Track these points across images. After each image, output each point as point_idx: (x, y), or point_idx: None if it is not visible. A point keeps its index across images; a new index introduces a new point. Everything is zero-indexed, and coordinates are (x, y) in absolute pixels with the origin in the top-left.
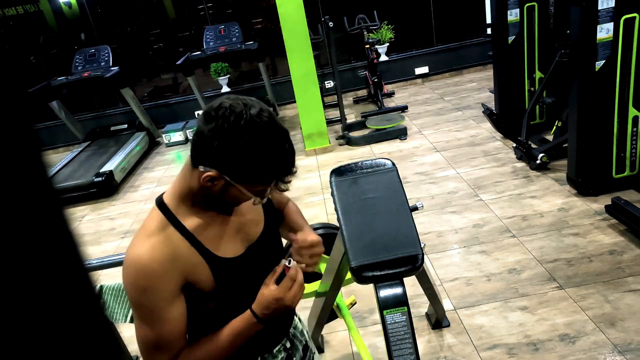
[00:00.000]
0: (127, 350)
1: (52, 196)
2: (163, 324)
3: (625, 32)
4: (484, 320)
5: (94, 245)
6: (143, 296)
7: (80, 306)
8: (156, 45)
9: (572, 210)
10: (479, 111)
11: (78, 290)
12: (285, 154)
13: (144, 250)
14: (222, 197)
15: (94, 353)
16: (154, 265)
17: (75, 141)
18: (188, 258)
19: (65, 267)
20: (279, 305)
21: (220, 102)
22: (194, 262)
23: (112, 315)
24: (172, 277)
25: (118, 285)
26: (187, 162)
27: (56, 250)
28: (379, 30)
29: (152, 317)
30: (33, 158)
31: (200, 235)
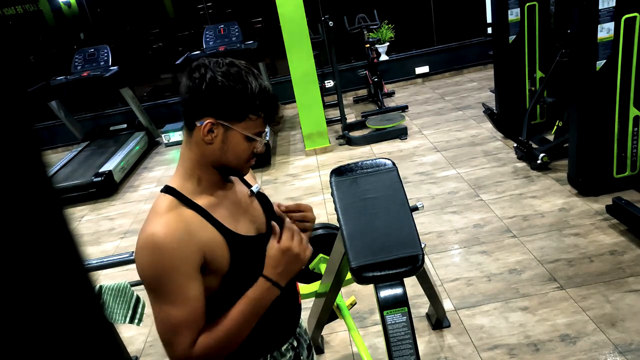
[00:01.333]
0: (127, 350)
1: (51, 196)
2: (184, 304)
3: (626, 32)
4: (484, 320)
5: (93, 246)
6: (162, 276)
7: (80, 306)
8: (156, 44)
9: (572, 211)
10: (479, 111)
11: (78, 290)
12: (263, 83)
13: (158, 228)
14: (224, 153)
15: (94, 353)
16: (171, 241)
17: (74, 141)
18: (203, 233)
19: (64, 267)
20: (289, 257)
21: (196, 63)
22: (209, 237)
23: (112, 315)
24: (190, 253)
25: (118, 285)
26: (184, 141)
27: (56, 250)
28: (379, 30)
29: (172, 297)
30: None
31: (214, 211)
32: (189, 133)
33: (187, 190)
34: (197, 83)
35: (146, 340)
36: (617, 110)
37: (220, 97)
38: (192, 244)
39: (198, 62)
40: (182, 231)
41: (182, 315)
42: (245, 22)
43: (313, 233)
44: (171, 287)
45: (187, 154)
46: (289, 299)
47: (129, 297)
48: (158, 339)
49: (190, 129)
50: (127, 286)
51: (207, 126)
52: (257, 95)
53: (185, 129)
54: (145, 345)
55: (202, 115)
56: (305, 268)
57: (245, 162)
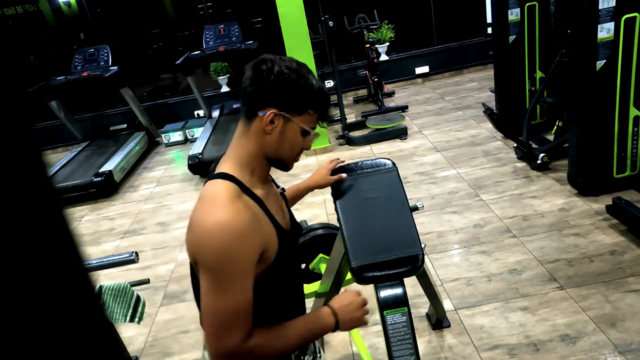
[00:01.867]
0: (127, 350)
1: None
2: (243, 294)
3: (626, 32)
4: (484, 320)
5: (93, 246)
6: (229, 262)
7: (80, 306)
8: (156, 44)
9: (572, 211)
10: (479, 111)
11: (78, 290)
12: (319, 82)
13: (230, 215)
14: (280, 145)
15: (94, 353)
16: (243, 227)
17: (74, 141)
18: (264, 224)
19: (65, 267)
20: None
21: (261, 57)
22: (267, 229)
23: (112, 315)
24: (255, 243)
25: (118, 285)
26: (239, 131)
27: (56, 250)
28: (379, 30)
29: (232, 286)
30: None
31: (267, 203)
32: (247, 123)
33: (244, 180)
34: (264, 75)
35: (146, 340)
36: (617, 110)
37: (286, 89)
38: (257, 234)
39: (263, 57)
40: (250, 220)
41: (240, 305)
42: (245, 22)
43: (313, 233)
44: (235, 275)
45: (244, 144)
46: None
47: (129, 296)
48: (158, 339)
49: (251, 119)
50: (127, 286)
51: (270, 116)
52: (317, 91)
53: (243, 119)
54: (146, 345)
55: (265, 106)
56: (305, 268)
57: (296, 156)
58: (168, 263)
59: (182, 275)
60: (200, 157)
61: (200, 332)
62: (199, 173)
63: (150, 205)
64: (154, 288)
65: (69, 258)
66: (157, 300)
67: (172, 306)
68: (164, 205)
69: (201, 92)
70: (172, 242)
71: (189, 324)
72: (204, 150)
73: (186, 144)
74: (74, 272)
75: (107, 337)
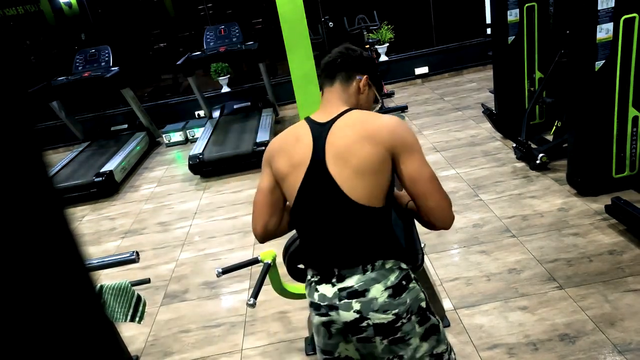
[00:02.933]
0: (127, 350)
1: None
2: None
3: (625, 32)
4: (483, 320)
5: (94, 245)
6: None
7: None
8: (156, 45)
9: (572, 210)
10: (478, 111)
11: (78, 290)
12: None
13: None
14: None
15: (94, 353)
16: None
17: (75, 141)
18: None
19: (65, 267)
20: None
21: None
22: None
23: (113, 314)
24: None
25: (118, 285)
26: (338, 91)
27: (56, 250)
28: (379, 31)
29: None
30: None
31: None
32: (345, 84)
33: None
34: (358, 52)
35: (147, 340)
36: (616, 110)
37: (373, 66)
38: None
39: (347, 44)
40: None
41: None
42: (246, 22)
43: None
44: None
45: (347, 97)
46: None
47: (130, 296)
48: (159, 339)
49: (349, 82)
50: (127, 285)
51: (365, 80)
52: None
53: (340, 82)
54: (146, 344)
55: (364, 72)
56: (305, 268)
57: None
58: (169, 263)
59: (182, 274)
60: (200, 157)
61: (200, 332)
62: (200, 173)
63: (151, 205)
64: (155, 288)
65: (69, 258)
66: (158, 299)
67: (173, 306)
68: (164, 205)
69: (202, 93)
70: (172, 241)
71: (190, 323)
72: (204, 151)
73: (187, 144)
74: (74, 272)
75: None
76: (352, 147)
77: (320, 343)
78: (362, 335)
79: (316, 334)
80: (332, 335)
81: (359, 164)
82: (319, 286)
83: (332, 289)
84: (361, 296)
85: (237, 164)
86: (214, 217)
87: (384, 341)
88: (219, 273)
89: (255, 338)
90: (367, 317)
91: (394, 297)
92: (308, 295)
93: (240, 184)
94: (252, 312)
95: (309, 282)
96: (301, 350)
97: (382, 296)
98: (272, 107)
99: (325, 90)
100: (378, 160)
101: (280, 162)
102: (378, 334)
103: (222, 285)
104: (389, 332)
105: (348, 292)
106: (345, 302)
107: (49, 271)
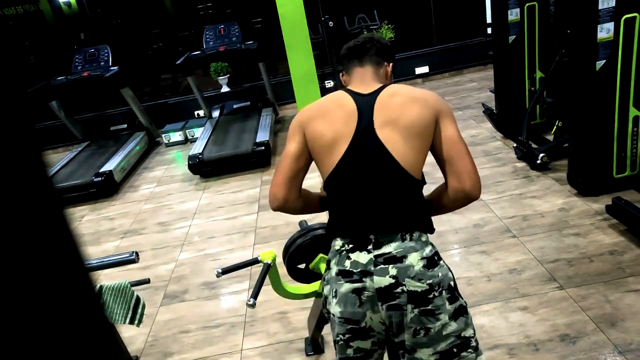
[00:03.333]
0: (127, 350)
1: (51, 196)
2: None
3: (625, 32)
4: (484, 320)
5: (93, 245)
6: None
7: (80, 306)
8: (156, 44)
9: (572, 210)
10: (479, 111)
11: (78, 290)
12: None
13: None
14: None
15: (94, 353)
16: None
17: (74, 141)
18: None
19: (65, 267)
20: None
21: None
22: None
23: (112, 315)
24: None
25: (118, 285)
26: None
27: (56, 250)
28: (379, 30)
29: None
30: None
31: None
32: (377, 69)
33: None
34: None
35: (146, 340)
36: (616, 110)
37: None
38: None
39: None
40: None
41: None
42: (245, 22)
43: (313, 233)
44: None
45: (379, 79)
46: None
47: (129, 297)
48: (158, 339)
49: (380, 66)
50: (127, 286)
51: (391, 68)
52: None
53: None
54: (146, 345)
55: (389, 60)
56: (305, 268)
57: None
58: (168, 263)
59: (182, 275)
60: (200, 157)
61: (199, 332)
62: (199, 173)
63: (151, 205)
64: (154, 288)
65: (69, 258)
66: (158, 300)
67: (172, 306)
68: (164, 205)
69: (201, 92)
70: (172, 242)
71: (189, 323)
72: (204, 150)
73: (186, 144)
74: (74, 272)
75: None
76: (401, 109)
77: (347, 313)
78: (393, 302)
79: (342, 303)
80: (362, 303)
81: (407, 124)
82: (351, 254)
83: (367, 255)
84: (398, 262)
85: (236, 164)
86: (213, 217)
87: (415, 310)
88: (218, 273)
89: (255, 338)
90: (402, 283)
91: (427, 269)
92: (337, 264)
93: (240, 184)
94: (252, 313)
95: (338, 251)
96: (301, 351)
97: (418, 265)
98: (272, 106)
99: (355, 70)
100: (425, 122)
101: (320, 126)
102: (410, 302)
103: (222, 285)
104: (421, 302)
105: (385, 257)
106: (382, 267)
107: (48, 271)
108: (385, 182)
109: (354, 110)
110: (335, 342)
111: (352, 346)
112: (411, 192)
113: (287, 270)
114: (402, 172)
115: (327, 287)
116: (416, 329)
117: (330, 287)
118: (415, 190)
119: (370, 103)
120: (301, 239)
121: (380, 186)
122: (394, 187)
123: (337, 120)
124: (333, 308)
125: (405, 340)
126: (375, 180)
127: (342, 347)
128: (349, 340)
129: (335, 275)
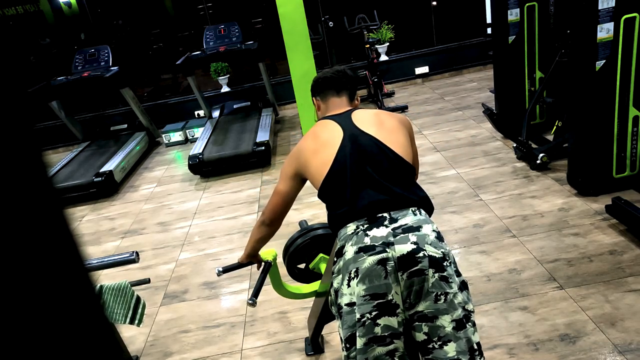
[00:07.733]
0: (127, 350)
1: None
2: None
3: (625, 32)
4: (484, 320)
5: (94, 245)
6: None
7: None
8: (156, 45)
9: (572, 210)
10: (479, 111)
11: (78, 290)
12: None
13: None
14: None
15: (94, 353)
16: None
17: (75, 141)
18: None
19: (65, 267)
20: None
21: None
22: None
23: (112, 315)
24: None
25: (118, 285)
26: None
27: (56, 250)
28: (379, 30)
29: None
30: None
31: None
32: (350, 99)
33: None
34: (355, 75)
35: (147, 340)
36: (616, 110)
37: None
38: None
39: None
40: None
41: None
42: (246, 22)
43: (313, 233)
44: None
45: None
46: None
47: (129, 297)
48: (159, 339)
49: (353, 95)
50: (127, 286)
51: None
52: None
53: (347, 96)
54: (146, 345)
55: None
56: (305, 268)
57: None
58: (168, 263)
59: (182, 275)
60: (200, 157)
61: (200, 332)
62: (199, 173)
63: (151, 205)
64: (155, 288)
65: (69, 258)
66: (158, 300)
67: (173, 306)
68: (164, 205)
69: (201, 92)
70: (172, 242)
71: (189, 323)
72: (204, 150)
73: (186, 144)
74: (74, 272)
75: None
76: (380, 116)
77: (372, 287)
78: (415, 267)
79: (367, 278)
80: (387, 274)
81: (391, 126)
82: (369, 231)
83: (385, 229)
84: (416, 230)
85: (237, 164)
86: (213, 217)
87: (436, 275)
88: (219, 272)
89: (255, 338)
90: (423, 248)
91: (438, 240)
92: (354, 244)
93: (240, 184)
94: (252, 312)
95: (354, 233)
96: (301, 351)
97: (432, 235)
98: (272, 106)
99: (331, 100)
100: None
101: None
102: (432, 266)
103: (222, 285)
104: (440, 268)
105: (403, 228)
106: (402, 236)
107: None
108: (388, 166)
109: (336, 125)
110: (361, 324)
111: (380, 324)
112: (411, 176)
113: (287, 270)
114: (399, 158)
115: (338, 277)
116: (437, 294)
117: (349, 269)
118: (413, 174)
119: (349, 117)
120: (301, 239)
121: (384, 170)
122: (396, 170)
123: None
124: (354, 289)
125: (426, 309)
126: (377, 166)
127: (369, 327)
128: (377, 317)
129: (355, 254)
